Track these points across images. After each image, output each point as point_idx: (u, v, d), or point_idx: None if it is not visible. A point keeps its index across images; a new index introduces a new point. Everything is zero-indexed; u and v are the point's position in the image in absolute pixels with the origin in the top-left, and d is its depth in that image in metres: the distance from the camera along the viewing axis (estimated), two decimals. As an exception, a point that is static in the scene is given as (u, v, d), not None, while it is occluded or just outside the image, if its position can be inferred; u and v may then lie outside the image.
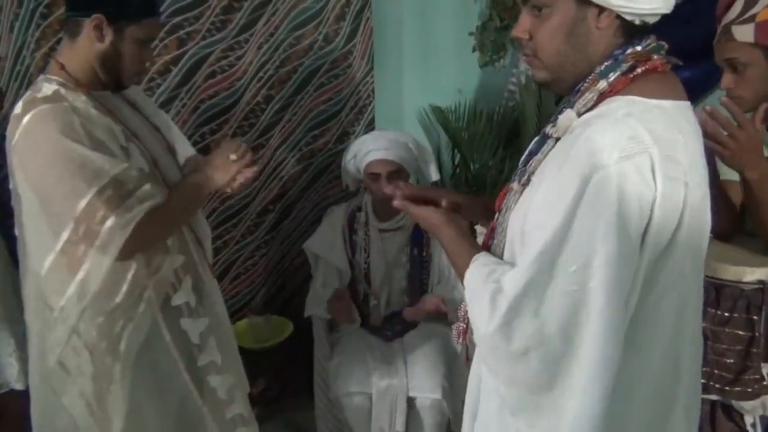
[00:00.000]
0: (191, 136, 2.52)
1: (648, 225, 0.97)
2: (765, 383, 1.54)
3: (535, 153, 1.10)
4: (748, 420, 1.62)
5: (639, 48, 1.05)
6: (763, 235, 1.54)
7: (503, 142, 3.01)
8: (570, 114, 1.05)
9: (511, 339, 1.01)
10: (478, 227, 2.75)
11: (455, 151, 3.11)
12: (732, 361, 1.53)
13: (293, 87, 2.78)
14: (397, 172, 2.38)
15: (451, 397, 2.25)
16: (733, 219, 1.64)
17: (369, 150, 2.39)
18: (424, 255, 2.50)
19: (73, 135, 1.39)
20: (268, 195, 2.85)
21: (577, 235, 0.96)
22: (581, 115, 1.05)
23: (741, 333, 1.52)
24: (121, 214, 1.41)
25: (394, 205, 1.29)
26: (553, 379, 1.00)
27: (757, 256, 1.55)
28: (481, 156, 3.00)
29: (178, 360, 1.61)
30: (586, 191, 0.95)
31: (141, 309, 1.53)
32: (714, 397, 1.60)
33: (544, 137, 1.11)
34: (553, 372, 1.00)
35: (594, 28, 1.04)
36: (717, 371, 1.55)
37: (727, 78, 1.53)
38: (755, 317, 1.50)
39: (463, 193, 1.38)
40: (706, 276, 1.49)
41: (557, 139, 1.07)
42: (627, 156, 0.94)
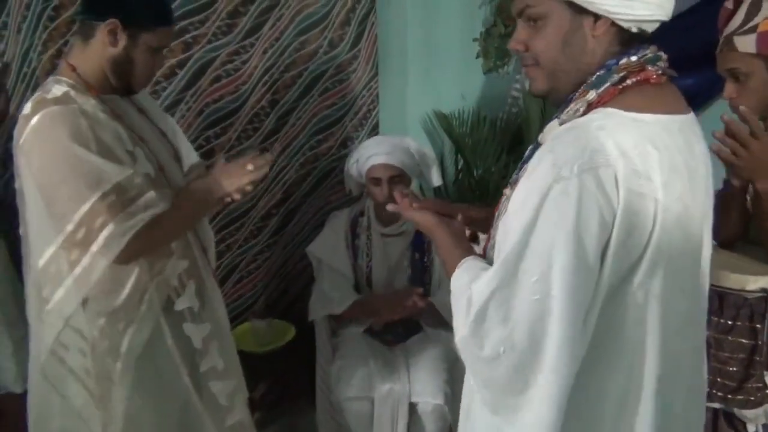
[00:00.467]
0: (196, 140, 2.52)
1: (609, 239, 0.97)
2: None
3: (527, 160, 1.11)
4: (751, 428, 1.62)
5: (634, 58, 1.04)
6: None
7: (506, 148, 3.01)
8: (553, 124, 1.06)
9: (482, 345, 1.04)
10: (481, 233, 2.76)
11: (458, 156, 3.12)
12: (735, 369, 1.53)
13: (298, 91, 2.79)
14: (398, 177, 2.39)
15: (453, 402, 2.25)
16: (736, 227, 1.64)
17: (371, 154, 2.40)
18: (426, 260, 2.50)
19: (80, 138, 1.40)
20: (271, 199, 2.85)
21: (537, 245, 0.97)
22: (564, 124, 1.05)
23: (744, 341, 1.52)
24: (121, 222, 1.41)
25: (389, 209, 1.32)
26: (523, 383, 1.02)
27: (761, 265, 1.55)
28: (484, 162, 3.01)
29: (180, 365, 1.62)
30: (546, 202, 0.96)
31: (143, 310, 1.53)
32: (716, 405, 1.60)
33: (537, 145, 1.11)
34: (523, 377, 1.02)
35: (590, 37, 1.04)
36: (720, 379, 1.55)
37: (729, 88, 1.53)
38: (758, 325, 1.50)
39: (475, 206, 1.39)
40: (710, 284, 1.50)
41: None
42: (589, 169, 0.94)
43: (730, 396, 1.56)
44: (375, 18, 2.91)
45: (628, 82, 1.03)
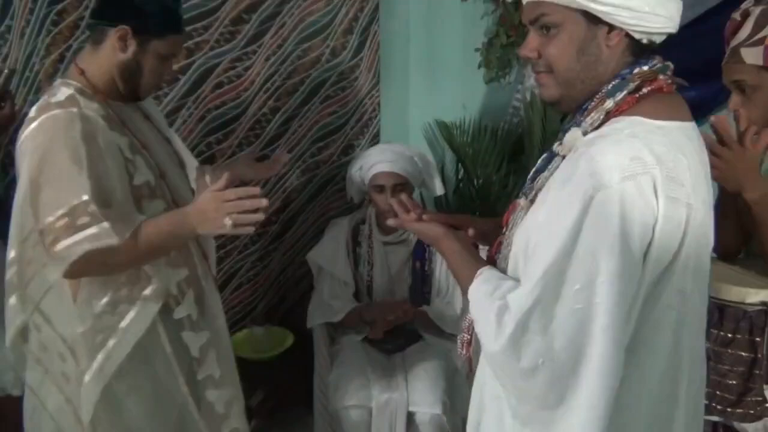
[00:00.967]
0: (197, 146, 2.53)
1: (650, 244, 0.98)
2: (767, 405, 1.53)
3: (542, 170, 1.11)
4: (750, 442, 1.61)
5: (645, 68, 1.06)
6: (765, 256, 1.54)
7: (507, 157, 3.01)
8: (576, 133, 1.07)
9: (519, 357, 1.02)
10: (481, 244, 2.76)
11: (459, 165, 3.12)
12: (734, 382, 1.53)
13: (299, 99, 2.80)
14: (401, 185, 2.39)
15: (451, 412, 2.24)
16: (738, 240, 1.63)
17: (374, 162, 2.40)
18: (427, 268, 2.50)
19: (71, 148, 1.39)
20: (272, 206, 2.85)
21: (581, 254, 0.97)
22: (587, 134, 1.06)
23: (744, 354, 1.51)
24: (67, 245, 1.38)
25: (389, 223, 1.33)
26: (561, 395, 1.01)
27: (761, 278, 1.55)
28: (484, 171, 3.00)
29: (178, 373, 1.61)
30: (589, 211, 0.96)
31: (124, 325, 1.51)
32: (716, 418, 1.59)
33: (552, 155, 1.12)
34: (561, 389, 1.00)
35: (604, 47, 1.05)
36: (719, 392, 1.54)
37: (734, 99, 1.53)
38: (758, 339, 1.50)
39: (487, 219, 1.39)
40: (710, 296, 1.49)
41: (563, 157, 1.08)
42: (629, 176, 0.95)
43: (729, 409, 1.55)
44: (378, 27, 2.91)
45: (644, 90, 1.05)
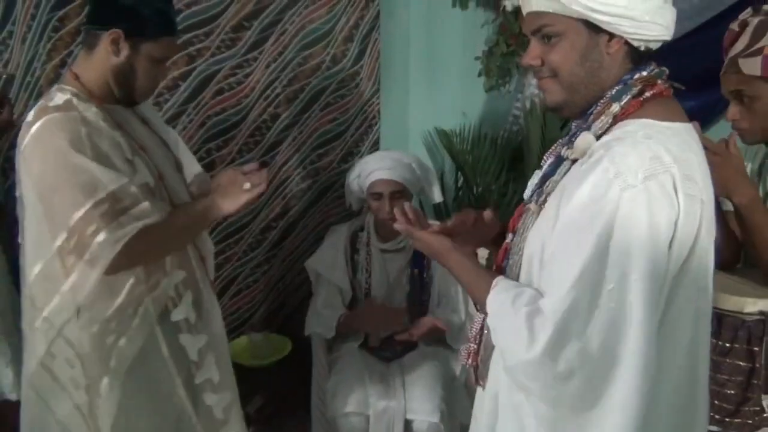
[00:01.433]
0: (197, 152, 2.53)
1: (672, 240, 1.01)
2: (765, 415, 1.53)
3: (551, 174, 1.13)
4: (748, 452, 1.60)
5: (645, 73, 1.09)
6: (759, 262, 1.54)
7: (507, 165, 3.02)
8: (588, 137, 1.08)
9: (557, 362, 1.02)
10: (480, 250, 2.76)
11: (459, 173, 3.12)
12: (732, 392, 1.52)
13: (300, 106, 2.81)
14: (399, 193, 2.39)
15: (449, 420, 2.24)
16: (736, 250, 1.64)
17: (373, 170, 2.41)
18: (425, 276, 2.50)
19: (79, 146, 1.40)
20: (272, 212, 2.86)
21: (614, 254, 0.99)
22: (599, 137, 1.08)
23: (742, 364, 1.51)
24: (113, 230, 1.40)
25: (396, 227, 1.30)
26: (597, 396, 1.02)
27: (759, 288, 1.55)
28: (484, 179, 3.01)
29: (176, 376, 1.60)
30: (619, 211, 0.98)
31: (135, 323, 1.52)
32: (714, 428, 1.58)
33: (560, 159, 1.13)
34: (597, 390, 1.02)
35: (605, 54, 1.08)
36: (717, 402, 1.54)
37: (733, 110, 1.53)
38: (756, 348, 1.50)
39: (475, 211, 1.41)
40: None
41: (573, 161, 1.10)
42: (652, 175, 0.99)
43: (727, 419, 1.55)
44: (378, 34, 2.93)
45: (647, 94, 1.08)
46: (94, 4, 1.51)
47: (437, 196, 2.56)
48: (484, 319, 1.23)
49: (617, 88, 1.09)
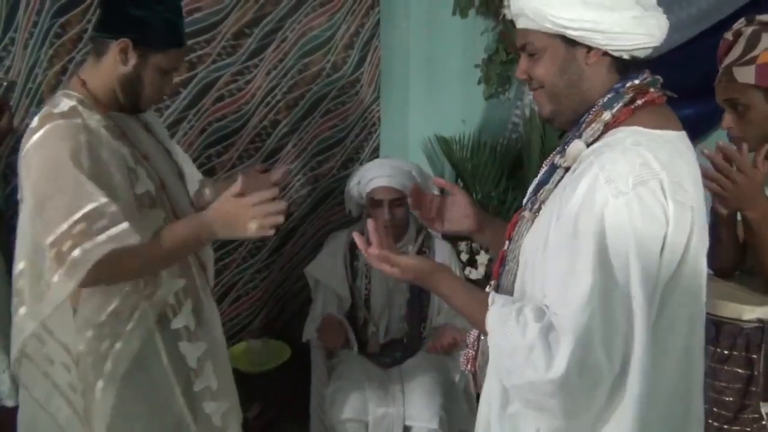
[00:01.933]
0: (197, 158, 2.54)
1: (663, 245, 1.02)
2: (764, 422, 1.53)
3: (545, 182, 1.14)
4: (747, 460, 1.60)
5: (637, 81, 1.11)
6: (764, 274, 1.54)
7: (506, 173, 3.03)
8: (579, 144, 1.10)
9: (581, 377, 1.01)
10: (479, 257, 2.76)
11: (458, 181, 3.13)
12: (731, 399, 1.53)
13: (300, 112, 2.81)
14: (399, 200, 2.40)
15: (448, 427, 2.24)
16: (733, 258, 1.64)
17: (372, 177, 2.42)
18: (425, 283, 2.50)
19: (78, 156, 1.40)
20: (271, 218, 2.86)
21: (615, 262, 1.00)
22: (590, 145, 1.09)
23: (740, 371, 1.52)
24: (87, 249, 1.38)
25: (366, 252, 1.29)
26: (612, 405, 1.05)
27: (757, 295, 1.55)
28: (483, 187, 3.01)
29: (175, 384, 1.60)
30: (613, 219, 1.00)
31: (130, 327, 1.51)
32: (712, 435, 1.59)
33: (553, 167, 1.15)
34: (613, 399, 1.04)
35: (584, 66, 1.11)
36: (716, 409, 1.54)
37: (727, 118, 1.55)
38: (754, 356, 1.50)
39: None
40: (706, 313, 1.50)
41: (566, 169, 1.11)
42: (642, 182, 1.00)
43: (726, 426, 1.55)
44: (378, 42, 2.94)
45: (639, 102, 1.09)
46: (104, 12, 1.51)
47: (437, 203, 2.56)
48: None
49: (609, 96, 1.10)
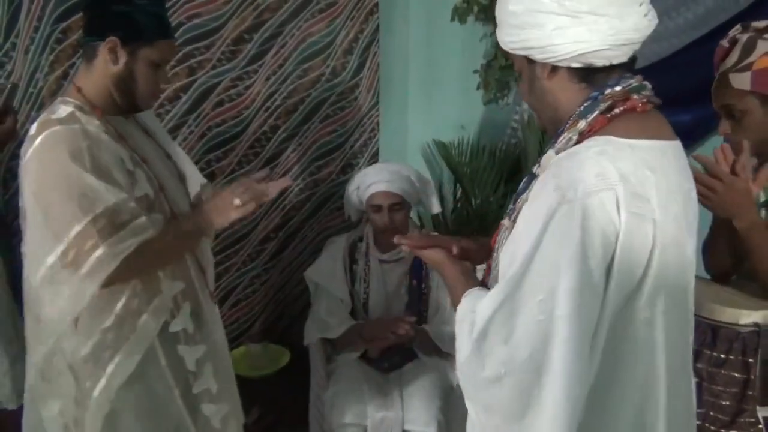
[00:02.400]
0: (197, 163, 2.54)
1: (613, 259, 1.00)
2: (760, 426, 1.54)
3: (522, 192, 1.14)
4: (744, 464, 1.61)
5: (618, 88, 1.08)
6: (758, 279, 1.55)
7: (505, 178, 3.04)
8: (550, 153, 1.11)
9: (483, 365, 1.06)
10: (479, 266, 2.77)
11: (457, 185, 3.14)
12: (728, 403, 1.53)
13: (299, 118, 2.83)
14: (398, 204, 2.41)
15: (447, 431, 2.24)
16: (729, 262, 1.65)
17: (372, 182, 2.43)
18: (423, 287, 2.51)
19: (80, 159, 1.41)
20: (271, 223, 2.87)
21: (542, 265, 1.00)
22: (560, 153, 1.09)
23: (737, 375, 1.52)
24: (112, 245, 1.41)
25: (395, 241, 1.37)
26: (525, 406, 1.03)
27: (754, 300, 1.56)
28: (482, 191, 3.03)
29: (173, 386, 1.60)
30: (551, 224, 0.99)
31: (132, 337, 1.52)
32: (709, 439, 1.59)
33: (531, 177, 1.15)
34: (525, 399, 1.03)
35: (544, 80, 1.12)
36: (713, 413, 1.55)
37: (724, 124, 1.55)
38: (751, 360, 1.51)
39: (471, 239, 1.43)
40: (703, 317, 1.51)
41: None
42: (592, 192, 0.98)
43: (723, 430, 1.55)
44: (377, 48, 2.95)
45: (616, 110, 1.07)
46: (88, 16, 1.52)
47: (436, 208, 2.58)
48: None
49: (586, 104, 1.09)
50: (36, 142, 1.42)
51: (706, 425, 1.56)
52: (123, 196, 1.44)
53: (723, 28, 1.58)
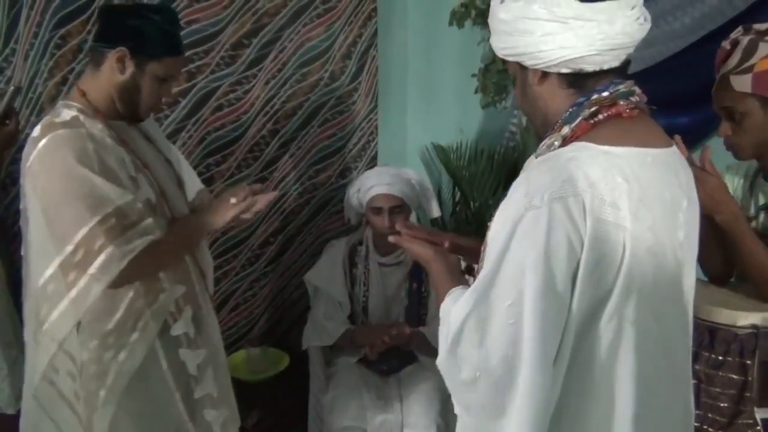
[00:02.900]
0: (196, 167, 2.55)
1: (578, 265, 1.00)
2: (758, 428, 1.54)
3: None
4: (743, 466, 1.61)
5: (605, 94, 1.07)
6: (748, 276, 1.56)
7: (503, 181, 3.04)
8: (531, 158, 1.13)
9: (459, 368, 1.08)
10: (477, 265, 2.77)
11: (456, 189, 3.14)
12: (725, 405, 1.53)
13: (298, 122, 2.83)
14: (399, 207, 2.41)
15: (445, 434, 2.25)
16: (727, 263, 1.65)
17: (372, 185, 2.43)
18: (423, 290, 2.51)
19: (86, 161, 1.42)
20: (270, 227, 2.87)
21: (509, 270, 1.01)
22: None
23: (734, 377, 1.52)
24: (120, 245, 1.42)
25: (390, 240, 1.37)
26: (501, 407, 1.05)
27: (751, 301, 1.56)
28: (481, 195, 3.03)
29: (174, 391, 1.61)
30: (518, 229, 1.00)
31: (134, 338, 1.53)
32: (708, 441, 1.59)
33: None
34: (501, 401, 1.05)
35: (534, 86, 1.12)
36: (711, 415, 1.55)
37: (724, 126, 1.56)
38: (749, 361, 1.51)
39: (466, 235, 1.43)
40: (700, 319, 1.51)
41: None
42: (559, 198, 0.98)
43: (721, 432, 1.56)
44: (376, 52, 2.96)
45: (600, 116, 1.07)
46: (102, 22, 1.53)
47: (435, 211, 2.58)
48: None
49: (571, 110, 1.08)
50: (40, 144, 1.43)
51: (704, 427, 1.56)
52: (130, 198, 1.46)
53: (720, 32, 1.58)
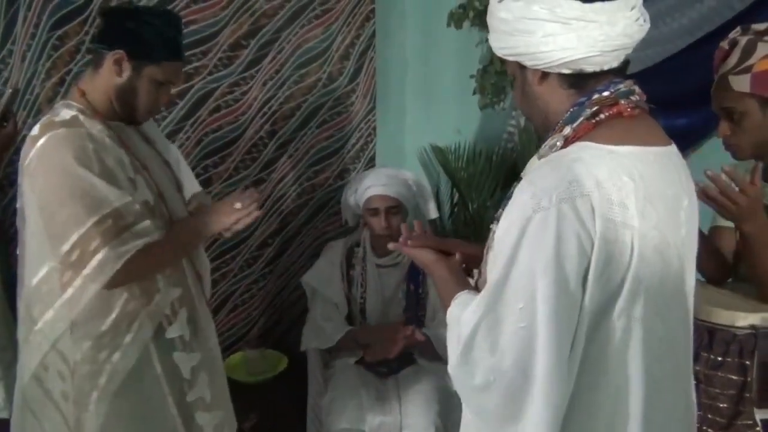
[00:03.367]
0: (194, 168, 2.55)
1: (589, 265, 1.00)
2: (758, 429, 1.54)
3: (510, 197, 1.14)
4: (742, 466, 1.61)
5: (606, 93, 1.07)
6: (759, 283, 1.55)
7: (501, 182, 3.04)
8: (534, 159, 1.12)
9: (472, 374, 1.07)
10: (475, 268, 2.77)
11: (454, 190, 3.14)
12: (725, 405, 1.53)
13: (296, 123, 2.83)
14: (395, 208, 2.41)
15: (444, 436, 2.24)
16: (723, 265, 1.65)
17: (369, 185, 2.43)
18: (420, 291, 2.51)
19: (85, 161, 1.42)
20: (268, 229, 2.87)
21: (520, 273, 1.01)
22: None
23: (734, 377, 1.52)
24: (115, 247, 1.43)
25: (389, 248, 1.36)
26: (517, 411, 1.04)
27: (750, 302, 1.56)
28: (479, 196, 3.03)
29: (168, 394, 1.61)
30: (527, 232, 1.00)
31: (128, 339, 1.53)
32: (707, 442, 1.59)
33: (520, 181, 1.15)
34: (516, 404, 1.04)
35: (534, 86, 1.12)
36: (710, 415, 1.55)
37: (723, 126, 1.56)
38: (748, 362, 1.51)
39: (469, 241, 1.43)
40: (700, 320, 1.51)
41: None
42: (566, 198, 0.98)
43: (720, 433, 1.56)
44: (374, 53, 2.96)
45: (602, 116, 1.07)
46: (102, 23, 1.54)
47: (432, 213, 2.58)
48: None
49: (572, 110, 1.08)
50: (39, 143, 1.43)
51: (704, 428, 1.56)
52: (127, 199, 1.46)
53: (718, 33, 1.58)
